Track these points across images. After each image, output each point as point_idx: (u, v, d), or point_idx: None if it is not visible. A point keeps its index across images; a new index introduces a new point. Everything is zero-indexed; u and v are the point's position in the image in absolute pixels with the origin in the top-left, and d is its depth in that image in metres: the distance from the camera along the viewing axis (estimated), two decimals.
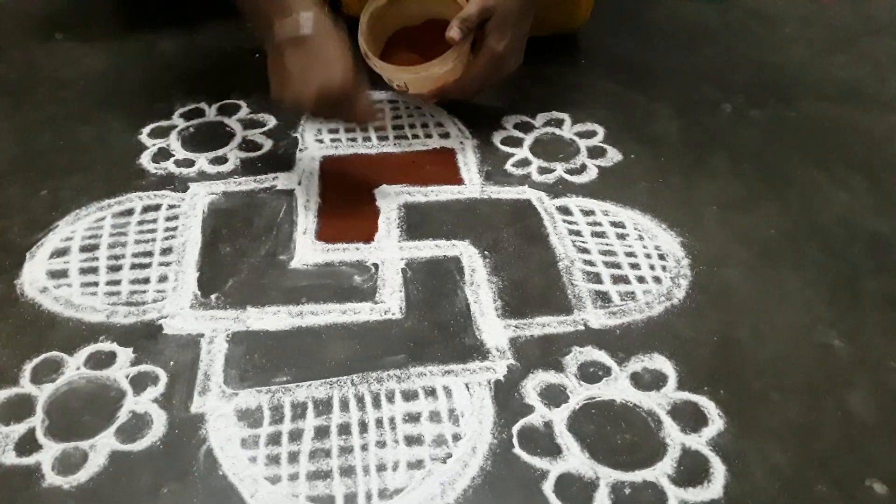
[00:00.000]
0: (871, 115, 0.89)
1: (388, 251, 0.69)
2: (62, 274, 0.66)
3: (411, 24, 0.84)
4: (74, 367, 0.58)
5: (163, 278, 0.66)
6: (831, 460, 0.53)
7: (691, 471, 0.52)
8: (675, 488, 0.51)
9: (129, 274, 0.66)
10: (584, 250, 0.69)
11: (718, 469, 0.53)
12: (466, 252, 0.69)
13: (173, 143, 0.82)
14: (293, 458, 0.53)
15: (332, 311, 0.64)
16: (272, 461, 0.53)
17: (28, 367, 0.58)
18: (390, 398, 0.57)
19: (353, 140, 0.83)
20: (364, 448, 0.53)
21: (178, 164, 0.79)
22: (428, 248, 0.70)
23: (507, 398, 0.57)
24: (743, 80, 0.94)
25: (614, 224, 0.73)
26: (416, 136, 0.84)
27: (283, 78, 0.70)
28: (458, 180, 0.78)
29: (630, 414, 0.56)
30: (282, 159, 0.80)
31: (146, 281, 0.66)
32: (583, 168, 0.80)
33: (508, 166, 0.80)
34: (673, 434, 0.55)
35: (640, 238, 0.71)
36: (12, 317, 0.62)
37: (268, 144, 0.82)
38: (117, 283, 0.65)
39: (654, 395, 0.57)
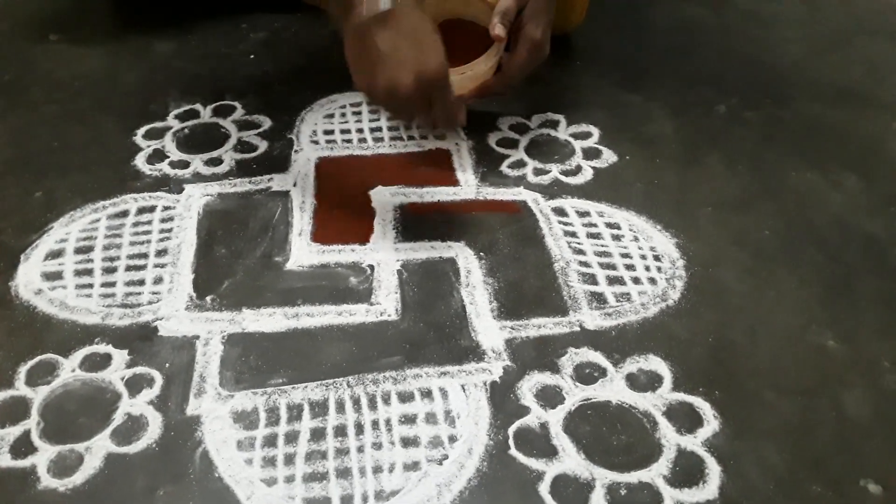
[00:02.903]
0: (866, 116, 0.89)
1: (384, 253, 0.69)
2: (57, 276, 0.66)
3: None
4: (69, 370, 0.58)
5: (158, 280, 0.66)
6: (826, 460, 0.54)
7: (687, 471, 0.53)
8: (671, 489, 0.51)
9: (124, 276, 0.66)
10: (580, 251, 0.70)
11: (714, 470, 0.53)
12: (462, 253, 0.69)
13: (168, 144, 0.82)
14: (289, 459, 0.53)
15: (328, 312, 0.64)
16: (268, 463, 0.53)
17: (23, 370, 0.58)
18: (386, 400, 0.57)
19: (349, 142, 0.83)
20: (360, 450, 0.53)
21: (173, 165, 0.79)
22: (423, 250, 0.70)
23: (502, 399, 0.57)
24: (738, 81, 0.94)
25: (609, 225, 0.73)
26: (411, 138, 0.83)
27: (369, 63, 0.63)
28: (453, 182, 0.78)
29: (626, 415, 0.56)
30: (277, 160, 0.80)
31: (141, 283, 0.66)
32: (578, 169, 0.80)
33: (504, 168, 0.80)
34: (668, 435, 0.55)
35: (636, 239, 0.71)
36: (7, 319, 0.62)
37: (263, 146, 0.82)
38: (112, 284, 0.65)
39: (649, 396, 0.57)
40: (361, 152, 0.82)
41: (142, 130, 0.83)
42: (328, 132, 0.84)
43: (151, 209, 0.73)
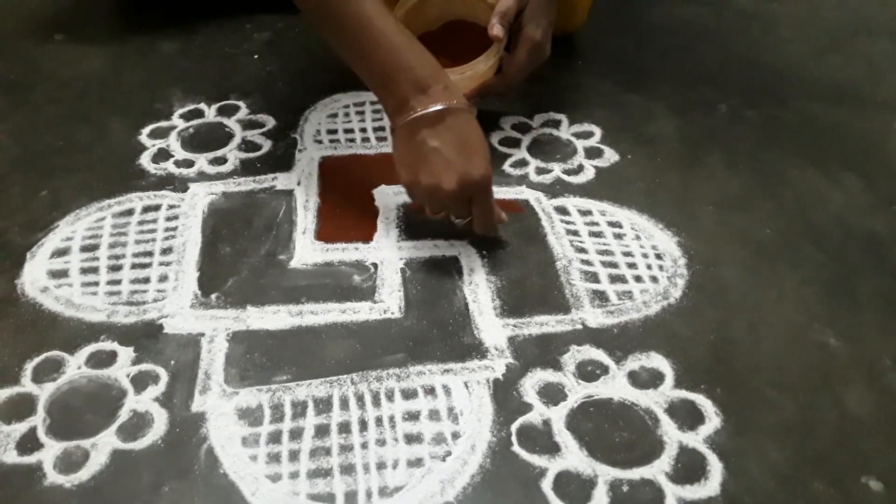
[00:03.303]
0: (866, 114, 0.89)
1: (387, 251, 0.69)
2: (63, 274, 0.66)
3: (430, 29, 0.84)
4: (75, 367, 0.59)
5: (163, 278, 0.66)
6: (827, 458, 0.54)
7: (689, 468, 0.53)
8: (673, 486, 0.52)
9: (130, 274, 0.67)
10: (582, 250, 0.70)
11: (715, 466, 0.53)
12: (465, 252, 0.70)
13: (173, 143, 0.82)
14: (294, 456, 0.53)
15: (332, 310, 0.64)
16: (273, 459, 0.53)
17: (29, 367, 0.59)
18: (390, 397, 0.57)
19: (352, 141, 0.83)
20: (364, 446, 0.54)
21: (178, 164, 0.79)
22: (426, 248, 0.70)
23: (505, 396, 0.57)
24: (738, 80, 0.95)
25: (611, 224, 0.73)
26: None
27: (415, 159, 0.64)
28: None
29: (628, 412, 0.56)
30: (281, 160, 0.80)
31: (146, 280, 0.66)
32: (580, 168, 0.80)
33: (506, 167, 0.80)
34: (670, 432, 0.55)
35: (637, 238, 0.71)
36: (13, 316, 0.63)
37: (267, 145, 0.82)
38: (118, 282, 0.66)
39: (651, 393, 0.58)
40: (365, 151, 0.82)
41: (147, 129, 0.84)
42: (332, 131, 0.85)
43: (156, 208, 0.73)
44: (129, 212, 0.73)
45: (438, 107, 0.64)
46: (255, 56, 0.97)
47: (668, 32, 1.05)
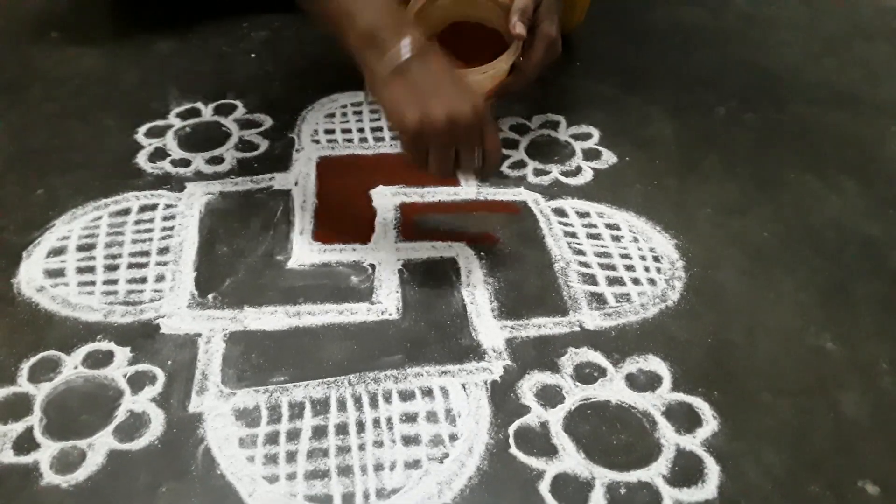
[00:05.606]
0: (863, 119, 0.90)
1: (385, 252, 0.69)
2: (59, 273, 0.66)
3: (437, 30, 0.84)
4: (72, 367, 0.58)
5: (160, 278, 0.66)
6: (824, 461, 0.54)
7: (686, 471, 0.53)
8: (670, 488, 0.52)
9: (126, 273, 0.66)
10: (580, 252, 0.70)
11: (712, 469, 0.53)
12: (463, 253, 0.69)
13: (170, 142, 0.82)
14: (291, 457, 0.53)
15: (329, 311, 0.64)
16: (270, 460, 0.53)
17: (25, 366, 0.58)
18: (387, 398, 0.57)
19: (350, 141, 0.83)
20: (361, 448, 0.54)
21: (175, 163, 0.79)
22: (424, 249, 0.70)
23: (503, 399, 0.57)
24: (736, 83, 0.95)
25: (609, 226, 0.73)
26: None
27: (420, 96, 0.63)
28: (454, 182, 0.78)
29: (625, 415, 0.57)
30: (278, 159, 0.80)
31: (143, 280, 0.66)
32: (578, 170, 0.80)
33: (504, 168, 0.80)
34: (667, 435, 0.55)
35: (635, 240, 0.71)
36: (9, 316, 0.62)
37: (264, 144, 0.82)
38: (114, 282, 0.65)
39: (648, 396, 0.58)
40: (362, 152, 0.82)
41: (143, 128, 0.83)
42: (329, 131, 0.84)
43: (153, 207, 0.73)
44: (126, 211, 0.73)
45: (407, 52, 0.63)
46: (253, 55, 0.97)
47: (666, 35, 1.05)
